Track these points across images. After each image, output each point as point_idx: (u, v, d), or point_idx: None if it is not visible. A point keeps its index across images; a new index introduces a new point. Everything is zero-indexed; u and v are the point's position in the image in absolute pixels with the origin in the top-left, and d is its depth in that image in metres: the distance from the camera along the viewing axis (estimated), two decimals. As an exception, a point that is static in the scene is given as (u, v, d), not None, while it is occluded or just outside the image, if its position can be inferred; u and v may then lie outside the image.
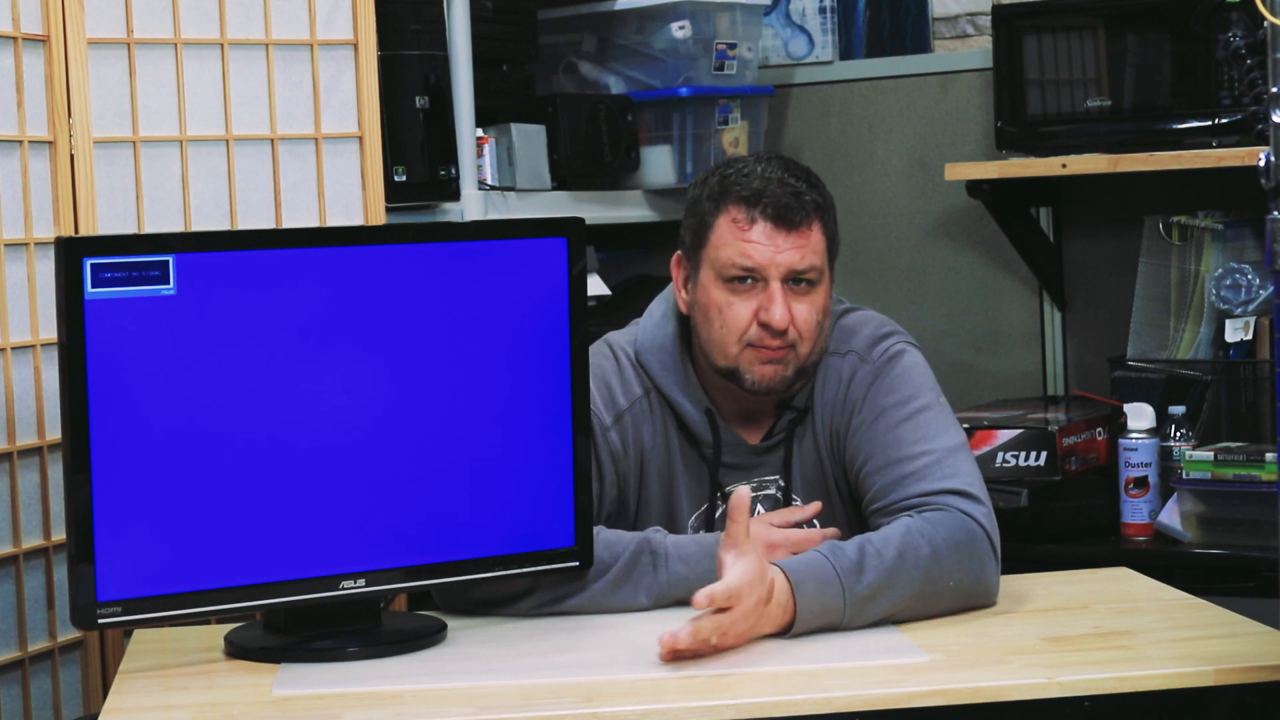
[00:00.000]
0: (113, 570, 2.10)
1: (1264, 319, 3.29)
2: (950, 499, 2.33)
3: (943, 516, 2.30)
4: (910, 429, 2.41)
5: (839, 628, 2.21)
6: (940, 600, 2.27)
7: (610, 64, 3.68)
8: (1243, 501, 3.10)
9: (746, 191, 2.40)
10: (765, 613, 2.16)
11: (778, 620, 2.18)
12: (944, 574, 2.26)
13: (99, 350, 2.07)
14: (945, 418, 2.44)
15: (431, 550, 2.26)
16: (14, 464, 2.56)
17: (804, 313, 2.40)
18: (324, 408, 2.18)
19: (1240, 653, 2.07)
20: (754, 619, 2.14)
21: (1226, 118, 3.26)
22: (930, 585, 2.25)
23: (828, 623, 2.20)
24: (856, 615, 2.21)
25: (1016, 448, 3.23)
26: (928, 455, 2.38)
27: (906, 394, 2.44)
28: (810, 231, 2.40)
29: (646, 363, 2.49)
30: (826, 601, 2.19)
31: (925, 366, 2.49)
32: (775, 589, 2.17)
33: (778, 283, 2.38)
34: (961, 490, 2.34)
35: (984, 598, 2.33)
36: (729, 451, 2.47)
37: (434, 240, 2.27)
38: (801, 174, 2.44)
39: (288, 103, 2.85)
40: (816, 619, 2.19)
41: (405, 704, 1.99)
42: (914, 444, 2.39)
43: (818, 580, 2.20)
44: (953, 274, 3.85)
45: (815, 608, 2.19)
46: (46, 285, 2.58)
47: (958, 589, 2.28)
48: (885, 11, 3.92)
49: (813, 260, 2.40)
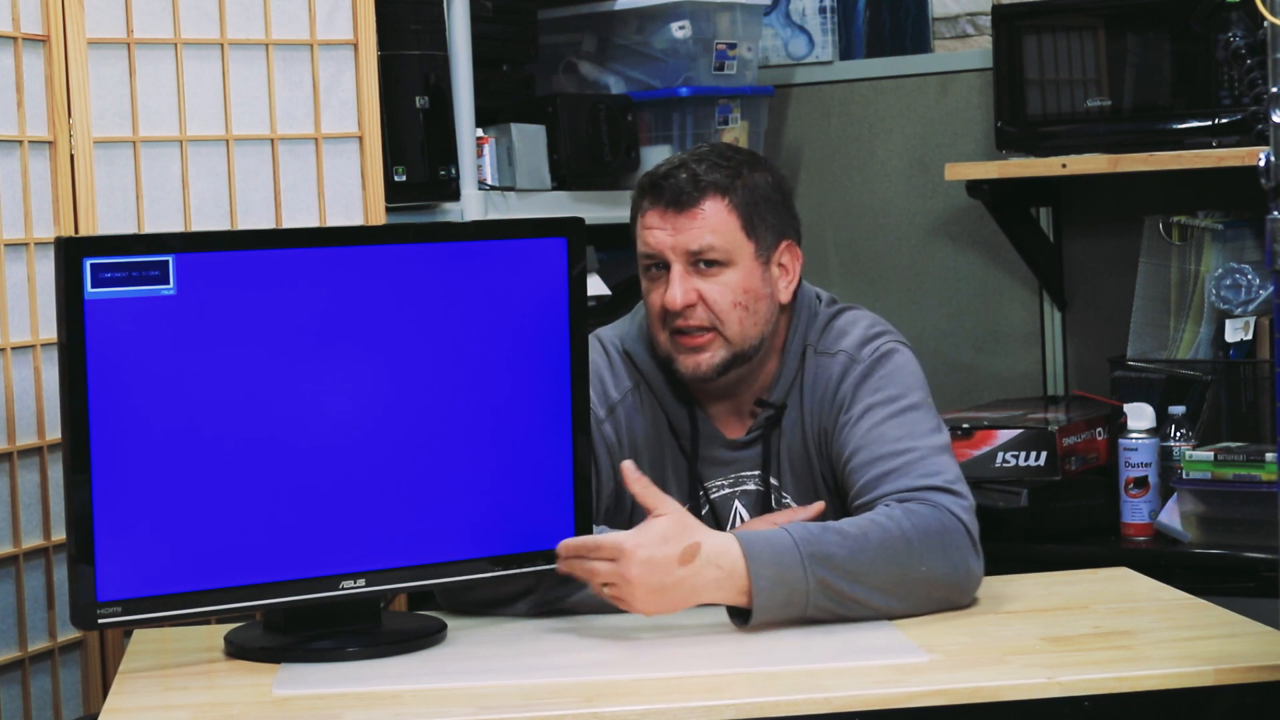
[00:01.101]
0: (113, 570, 2.10)
1: (1264, 319, 3.29)
2: (930, 494, 2.31)
3: (919, 507, 2.29)
4: (895, 426, 2.40)
5: (806, 607, 2.19)
6: (914, 590, 2.25)
7: (610, 64, 3.68)
8: (1243, 501, 3.10)
9: (649, 180, 2.44)
10: (692, 577, 2.16)
11: (728, 587, 2.18)
12: (915, 559, 2.24)
13: (99, 350, 2.07)
14: (931, 418, 2.43)
15: (431, 550, 2.26)
16: (14, 464, 2.56)
17: (714, 292, 2.40)
18: (324, 408, 2.18)
19: (1240, 653, 2.07)
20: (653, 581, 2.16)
21: (1226, 118, 3.26)
22: (900, 569, 2.23)
23: (790, 596, 2.19)
24: (822, 591, 2.19)
25: (1016, 448, 3.23)
26: (912, 452, 2.36)
27: (894, 392, 2.43)
28: (702, 210, 2.40)
29: (633, 354, 2.49)
30: (785, 571, 2.18)
31: (915, 366, 2.49)
32: (712, 552, 2.17)
33: (679, 265, 2.40)
34: (942, 486, 2.33)
35: (960, 590, 2.30)
36: (707, 446, 2.48)
37: (434, 240, 2.27)
38: (715, 158, 2.44)
39: (288, 103, 2.85)
40: (777, 590, 2.18)
41: (405, 704, 1.99)
42: (898, 440, 2.38)
43: (773, 548, 2.19)
44: (953, 274, 3.85)
45: (771, 574, 2.17)
46: (46, 285, 2.58)
47: (932, 577, 2.26)
48: (885, 11, 3.92)
49: (710, 239, 2.39)
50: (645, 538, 2.18)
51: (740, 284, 2.41)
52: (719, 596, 2.20)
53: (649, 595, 2.17)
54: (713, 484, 2.47)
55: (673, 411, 2.48)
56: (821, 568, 2.20)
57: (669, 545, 2.17)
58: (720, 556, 2.18)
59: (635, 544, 2.17)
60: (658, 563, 2.17)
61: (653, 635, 2.23)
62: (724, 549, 2.19)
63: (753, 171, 2.45)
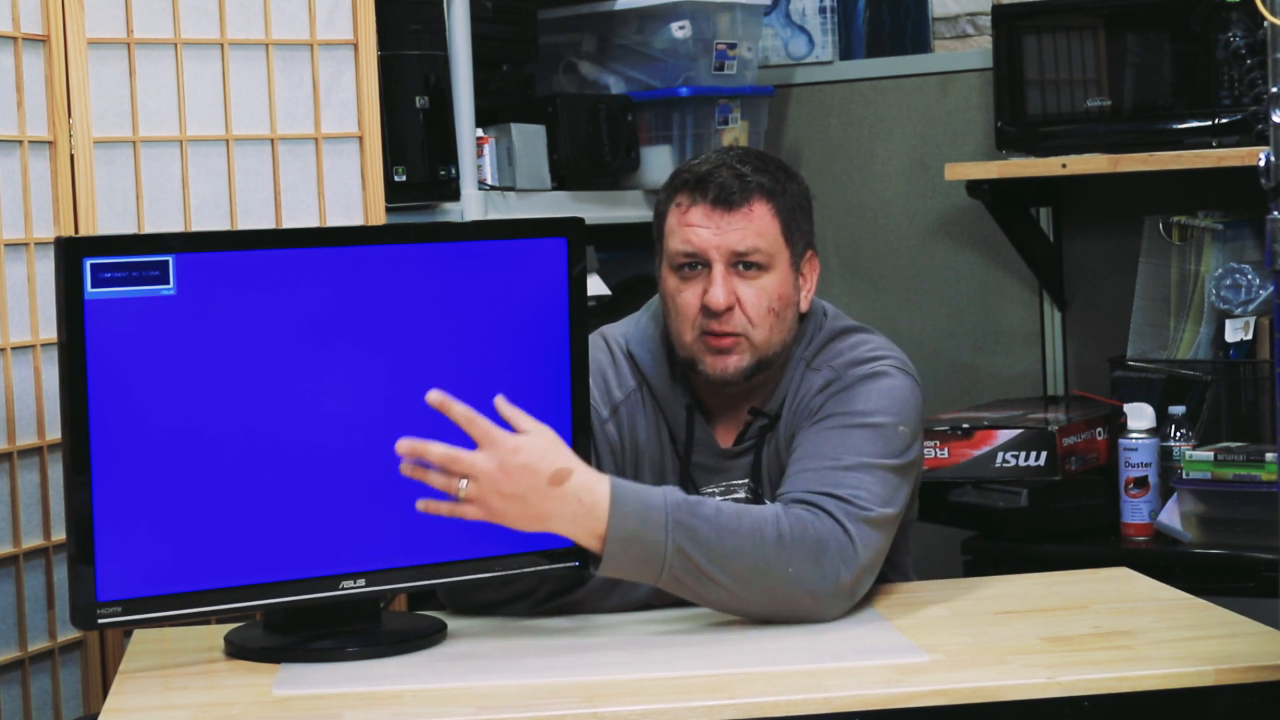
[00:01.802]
0: (113, 570, 2.10)
1: (1264, 319, 3.29)
2: (826, 500, 2.25)
3: (805, 512, 2.24)
4: (839, 436, 2.34)
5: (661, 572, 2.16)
6: (776, 589, 2.19)
7: (610, 64, 3.68)
8: (1243, 501, 3.10)
9: (691, 177, 2.41)
10: (554, 501, 2.11)
11: (582, 524, 2.13)
12: (784, 559, 2.18)
13: (99, 350, 2.07)
14: (888, 441, 2.34)
15: (431, 550, 2.26)
16: (14, 464, 2.56)
17: (751, 297, 2.38)
18: (324, 407, 2.18)
19: (1240, 653, 2.07)
20: (521, 486, 2.09)
21: (1226, 118, 3.26)
22: (764, 564, 2.17)
23: (646, 555, 2.15)
24: (680, 561, 2.15)
25: (1016, 448, 3.23)
26: (836, 463, 2.30)
27: (860, 408, 2.36)
28: (751, 211, 2.38)
29: (637, 355, 2.49)
30: (647, 530, 2.14)
31: (905, 394, 2.40)
32: (579, 486, 2.12)
33: (720, 265, 2.38)
34: (843, 497, 2.26)
35: (826, 603, 2.22)
36: (701, 451, 2.47)
37: (434, 240, 2.27)
38: (755, 160, 2.43)
39: (288, 103, 2.85)
40: (631, 545, 2.14)
41: (405, 704, 1.99)
42: (832, 449, 2.32)
43: (643, 504, 2.16)
44: (953, 274, 3.85)
45: (632, 527, 2.13)
46: (46, 285, 2.58)
47: (798, 581, 2.19)
48: (885, 11, 3.92)
49: (755, 242, 2.38)
50: (526, 443, 2.11)
51: (776, 290, 2.40)
52: (571, 531, 2.14)
53: (510, 502, 2.10)
54: (705, 490, 2.46)
55: (671, 415, 2.48)
56: (682, 535, 2.16)
57: (546, 459, 2.11)
58: (586, 493, 2.13)
59: (516, 445, 2.11)
60: (532, 470, 2.10)
61: (653, 635, 2.23)
62: (592, 486, 2.14)
63: (789, 179, 2.45)
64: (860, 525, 2.25)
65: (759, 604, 2.21)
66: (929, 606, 2.35)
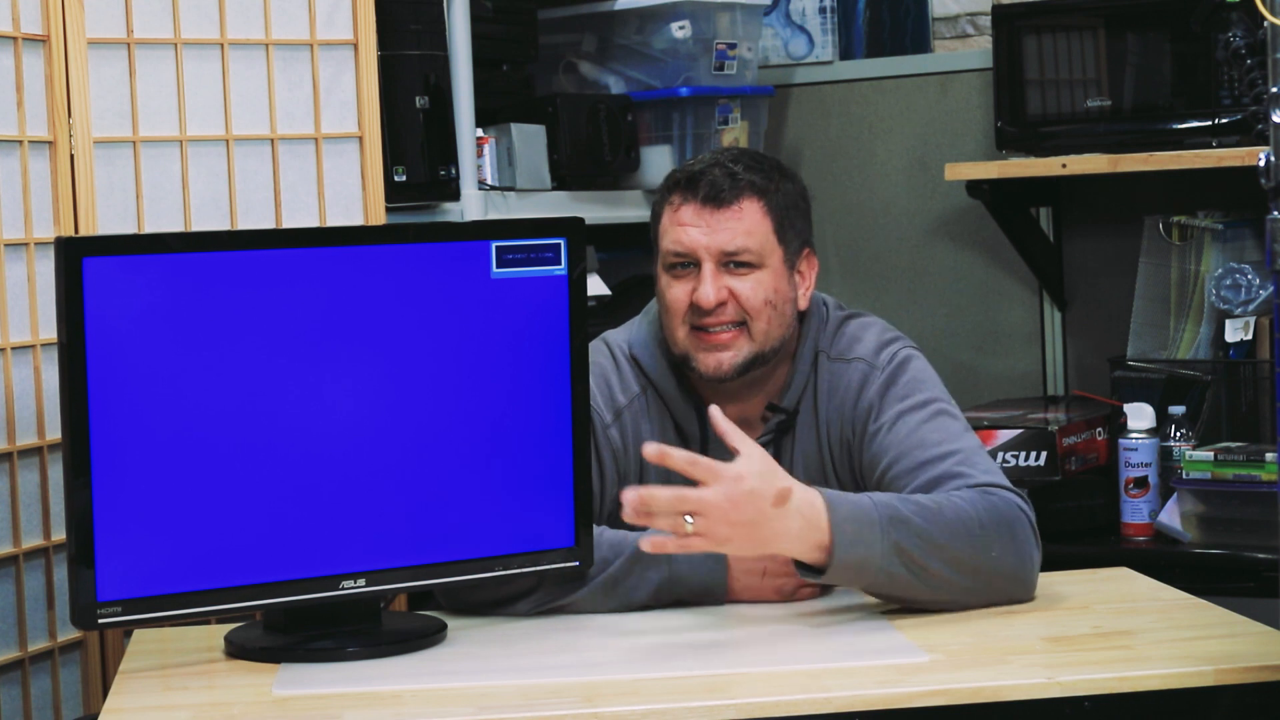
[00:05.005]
0: (113, 570, 2.10)
1: (1264, 319, 3.29)
2: (996, 490, 2.31)
3: (989, 497, 2.28)
4: (933, 430, 2.39)
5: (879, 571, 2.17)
6: (983, 573, 2.24)
7: (610, 64, 3.68)
8: (1243, 501, 3.10)
9: (683, 176, 2.43)
10: (779, 521, 2.12)
11: (807, 539, 2.15)
12: (987, 542, 2.23)
13: (99, 350, 2.07)
14: (961, 420, 2.43)
15: (432, 550, 2.26)
16: (14, 464, 2.56)
17: (746, 289, 2.40)
18: (324, 408, 2.18)
19: (1240, 653, 2.07)
20: (749, 513, 2.10)
21: (1226, 118, 3.26)
22: (972, 549, 2.22)
23: (866, 557, 2.16)
24: (897, 555, 2.17)
25: (1016, 448, 3.23)
26: (958, 454, 2.35)
27: (923, 397, 2.42)
28: (741, 209, 2.40)
29: (640, 358, 2.49)
30: (863, 530, 2.15)
31: (932, 371, 2.49)
32: (800, 502, 2.14)
33: (710, 264, 2.39)
34: (1000, 484, 2.32)
35: (1024, 584, 2.30)
36: (716, 450, 2.47)
37: (434, 240, 2.27)
38: (749, 159, 2.44)
39: (288, 103, 2.86)
40: (854, 548, 2.15)
41: (405, 704, 1.99)
42: (939, 445, 2.37)
43: (853, 506, 2.18)
44: (953, 274, 3.85)
45: (850, 531, 2.15)
46: (46, 285, 2.58)
47: (1001, 563, 2.25)
48: (885, 11, 3.92)
49: (745, 241, 2.39)
50: (748, 469, 2.12)
51: (770, 284, 2.41)
52: (797, 548, 2.16)
53: (737, 529, 2.11)
54: None
55: (682, 416, 2.47)
56: (898, 531, 2.18)
57: (767, 482, 2.13)
58: (808, 507, 2.15)
59: (739, 472, 2.11)
60: (758, 496, 2.11)
61: (653, 635, 2.23)
62: (810, 500, 2.16)
63: (784, 178, 2.46)
64: (1024, 501, 2.31)
65: (968, 589, 2.24)
66: (929, 606, 2.35)
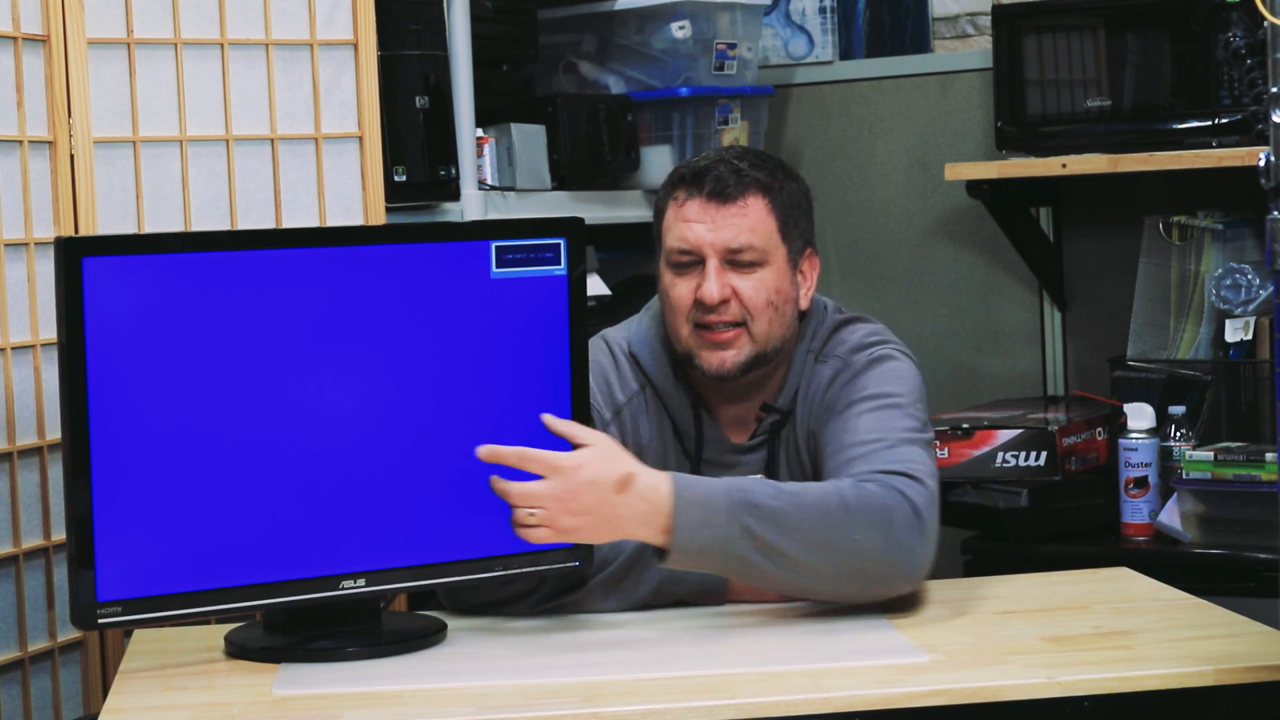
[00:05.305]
0: (113, 570, 2.10)
1: (1264, 319, 3.29)
2: (886, 477, 2.26)
3: (869, 484, 2.25)
4: (870, 419, 2.36)
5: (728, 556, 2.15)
6: (845, 559, 2.19)
7: (610, 64, 3.68)
8: (1243, 501, 3.10)
9: (688, 171, 2.43)
10: (623, 506, 2.12)
11: (651, 522, 2.14)
12: (850, 527, 2.18)
13: (99, 350, 2.07)
14: (912, 417, 2.38)
15: (431, 550, 2.25)
16: (14, 464, 2.56)
17: (748, 289, 2.39)
18: (324, 408, 2.18)
19: (1240, 653, 2.07)
20: (589, 501, 2.11)
21: (1226, 118, 3.26)
22: (832, 531, 2.17)
23: (711, 542, 2.15)
24: (747, 539, 2.15)
25: (1016, 448, 3.23)
26: (880, 442, 2.32)
27: (876, 390, 2.40)
28: (746, 206, 2.39)
29: (640, 356, 2.49)
30: (711, 514, 2.14)
31: (910, 373, 2.45)
32: (643, 486, 2.13)
33: (715, 261, 2.39)
34: (902, 471, 2.27)
35: (898, 573, 2.23)
36: (712, 449, 2.47)
37: (434, 240, 2.27)
38: (753, 157, 2.44)
39: (288, 103, 2.86)
40: (698, 533, 2.14)
41: (405, 704, 1.99)
42: (869, 432, 2.34)
43: (704, 490, 2.16)
44: (953, 274, 3.85)
45: (696, 515, 2.14)
46: (46, 285, 2.58)
47: (866, 550, 2.19)
48: (885, 11, 3.92)
49: (749, 239, 2.39)
50: (586, 458, 2.13)
51: (773, 283, 2.41)
52: (642, 532, 2.16)
53: (579, 518, 2.13)
54: None
55: (678, 414, 2.48)
56: (749, 515, 2.16)
57: (608, 468, 2.13)
58: (651, 491, 2.15)
59: (577, 462, 2.13)
60: (597, 484, 2.12)
61: (653, 635, 2.23)
62: (655, 484, 2.15)
63: (788, 177, 2.46)
64: (923, 496, 2.26)
65: (830, 576, 2.20)
66: (929, 606, 2.35)
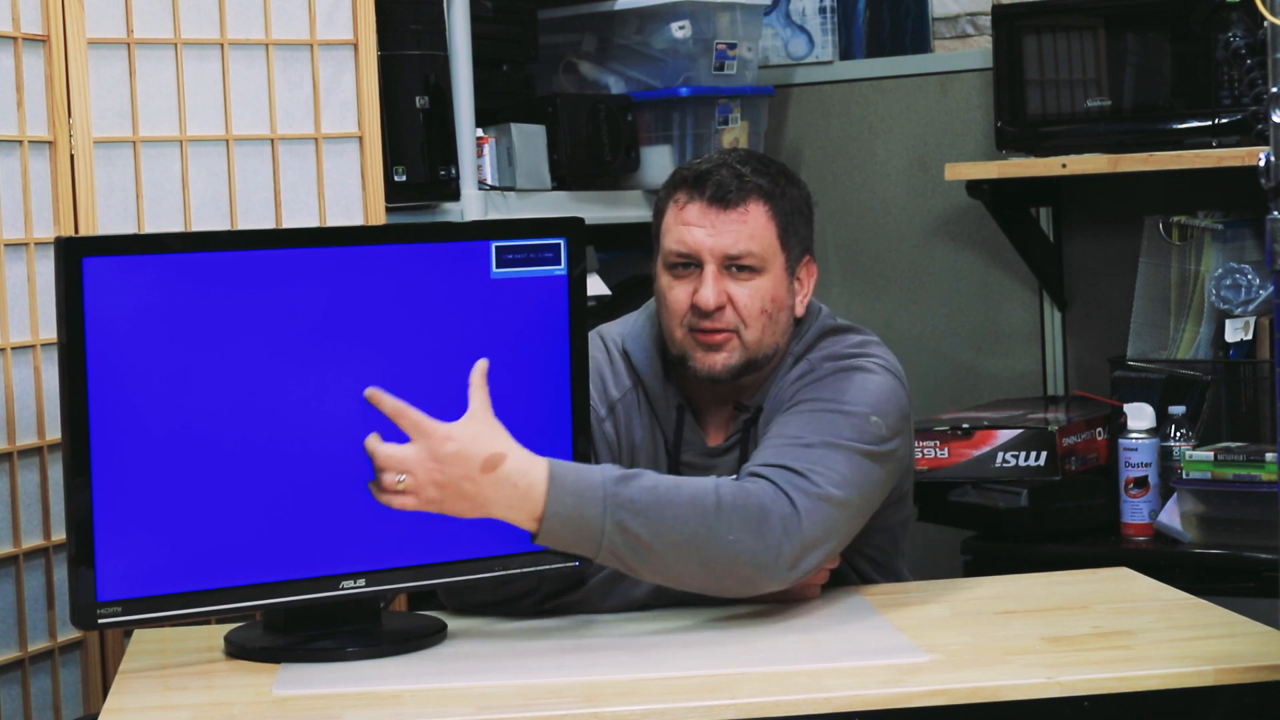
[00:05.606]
0: (113, 570, 2.10)
1: (1264, 319, 3.29)
2: (780, 474, 2.23)
3: (751, 482, 2.22)
4: (806, 419, 2.32)
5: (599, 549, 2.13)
6: (716, 557, 2.15)
7: (610, 64, 3.68)
8: (1243, 501, 3.10)
9: (690, 174, 2.41)
10: (490, 487, 2.08)
11: (519, 508, 2.10)
12: (723, 526, 2.15)
13: (99, 350, 2.07)
14: (858, 429, 2.31)
15: (432, 550, 2.26)
16: (14, 464, 2.56)
17: (744, 296, 2.37)
18: (324, 407, 2.18)
19: (1240, 653, 2.07)
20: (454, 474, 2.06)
21: (1226, 118, 3.26)
22: (704, 530, 2.14)
23: (582, 534, 2.12)
24: (620, 535, 2.12)
25: (1016, 448, 3.23)
26: (799, 440, 2.28)
27: (829, 395, 2.35)
28: (747, 212, 2.38)
29: (632, 354, 2.49)
30: (584, 507, 2.11)
31: (881, 387, 2.38)
32: (513, 470, 2.09)
33: (713, 266, 2.37)
34: (799, 471, 2.23)
35: (766, 573, 2.19)
36: (689, 451, 2.46)
37: (434, 240, 2.27)
38: (756, 162, 2.42)
39: (288, 103, 2.86)
40: (568, 525, 2.11)
41: (405, 704, 1.99)
42: (798, 431, 2.30)
43: (580, 482, 2.13)
44: (953, 274, 3.85)
45: (569, 505, 2.10)
46: (46, 285, 2.58)
47: (738, 550, 2.16)
48: (885, 11, 3.92)
49: (749, 245, 2.37)
50: (457, 431, 2.09)
51: (769, 291, 2.39)
52: (509, 515, 2.11)
53: (445, 491, 2.08)
54: None
55: (664, 415, 2.47)
56: (623, 511, 2.13)
57: (478, 445, 2.09)
58: (520, 476, 2.10)
59: (446, 433, 2.08)
60: (464, 458, 2.08)
61: (653, 635, 2.23)
62: (526, 469, 2.11)
63: (790, 183, 2.44)
64: (810, 499, 2.21)
65: (698, 574, 2.18)
66: (929, 606, 2.35)
